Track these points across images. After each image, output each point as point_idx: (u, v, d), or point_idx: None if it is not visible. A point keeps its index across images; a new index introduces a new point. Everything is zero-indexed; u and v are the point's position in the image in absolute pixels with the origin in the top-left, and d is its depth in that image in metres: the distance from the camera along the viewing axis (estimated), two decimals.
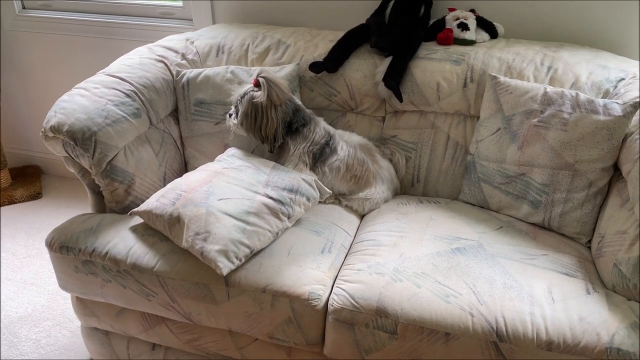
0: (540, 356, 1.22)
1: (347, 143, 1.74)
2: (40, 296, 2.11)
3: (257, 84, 1.63)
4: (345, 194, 1.76)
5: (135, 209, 1.55)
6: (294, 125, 1.68)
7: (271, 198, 1.50)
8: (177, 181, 1.58)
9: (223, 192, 1.49)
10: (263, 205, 1.47)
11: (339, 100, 1.91)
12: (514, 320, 1.25)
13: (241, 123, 1.67)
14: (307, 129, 1.69)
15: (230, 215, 1.43)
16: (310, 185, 1.59)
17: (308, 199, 1.56)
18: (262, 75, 1.62)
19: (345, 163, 1.71)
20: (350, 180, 1.73)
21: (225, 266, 1.36)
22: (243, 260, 1.40)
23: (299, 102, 1.72)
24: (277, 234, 1.49)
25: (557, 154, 1.53)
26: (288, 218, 1.51)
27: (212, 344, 1.55)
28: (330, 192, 1.64)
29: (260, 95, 1.61)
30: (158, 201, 1.50)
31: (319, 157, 1.71)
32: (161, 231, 1.50)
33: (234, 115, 1.69)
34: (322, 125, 1.73)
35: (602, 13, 1.87)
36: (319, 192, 1.61)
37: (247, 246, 1.41)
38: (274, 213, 1.48)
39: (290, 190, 1.53)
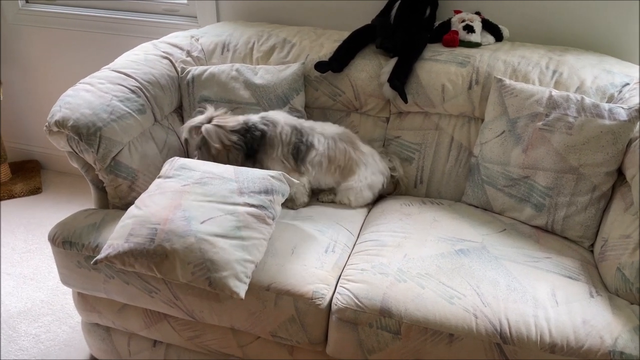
0: (543, 358, 1.22)
1: (323, 135, 1.70)
2: (40, 291, 2.10)
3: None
4: (334, 187, 1.75)
5: (102, 256, 1.36)
6: (255, 144, 1.63)
7: (253, 206, 1.41)
8: (137, 213, 1.40)
9: (201, 213, 1.37)
10: (249, 216, 1.39)
11: (344, 100, 1.91)
12: (518, 322, 1.25)
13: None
14: (268, 137, 1.64)
15: (223, 236, 1.34)
16: (280, 180, 1.50)
17: (283, 195, 1.50)
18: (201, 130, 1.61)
19: (326, 156, 1.68)
20: (335, 172, 1.71)
21: (241, 289, 1.31)
22: (251, 277, 1.35)
23: (244, 119, 1.65)
24: (269, 238, 1.44)
25: (561, 158, 1.54)
26: (273, 220, 1.44)
27: (214, 341, 1.55)
28: (298, 182, 1.58)
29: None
30: (128, 241, 1.35)
31: (297, 156, 1.67)
32: (143, 272, 1.36)
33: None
34: (282, 123, 1.66)
35: (607, 18, 1.87)
36: (289, 184, 1.53)
37: (251, 262, 1.35)
38: (262, 220, 1.40)
39: (267, 192, 1.45)
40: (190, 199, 1.40)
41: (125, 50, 1.98)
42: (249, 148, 1.64)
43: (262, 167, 1.65)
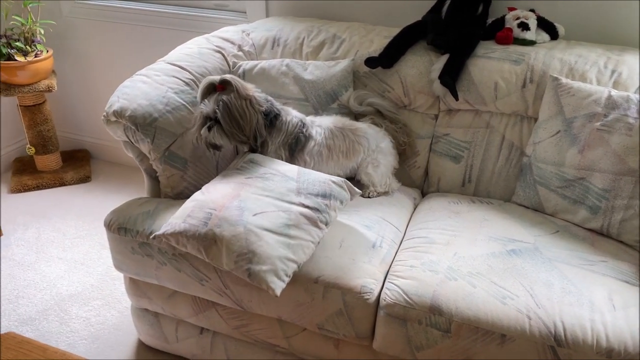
0: None
1: (321, 127, 1.71)
2: (90, 276, 2.18)
3: (222, 88, 1.56)
4: (341, 174, 1.73)
5: (160, 232, 1.43)
6: (269, 116, 1.60)
7: (308, 207, 1.41)
8: (200, 197, 1.46)
9: (256, 206, 1.40)
10: (301, 216, 1.39)
11: (393, 97, 1.90)
12: (573, 325, 1.23)
13: (224, 130, 1.56)
14: (279, 120, 1.63)
15: (271, 231, 1.35)
16: (342, 187, 1.49)
17: (342, 202, 1.48)
18: (225, 78, 1.56)
19: (325, 145, 1.68)
20: (340, 158, 1.71)
21: (277, 286, 1.30)
22: (291, 276, 1.34)
23: (265, 95, 1.65)
24: (318, 243, 1.42)
25: (620, 159, 1.49)
26: (326, 225, 1.43)
27: (260, 331, 1.57)
28: (360, 192, 1.55)
29: (228, 96, 1.53)
30: (185, 222, 1.40)
31: (295, 147, 1.66)
32: (194, 253, 1.40)
33: (214, 128, 1.56)
34: (293, 114, 1.68)
35: None
36: (349, 192, 1.51)
37: (294, 261, 1.35)
38: (313, 222, 1.40)
39: (324, 196, 1.45)
40: (250, 191, 1.44)
41: (174, 44, 2.02)
42: (267, 114, 1.60)
43: (262, 151, 1.64)
